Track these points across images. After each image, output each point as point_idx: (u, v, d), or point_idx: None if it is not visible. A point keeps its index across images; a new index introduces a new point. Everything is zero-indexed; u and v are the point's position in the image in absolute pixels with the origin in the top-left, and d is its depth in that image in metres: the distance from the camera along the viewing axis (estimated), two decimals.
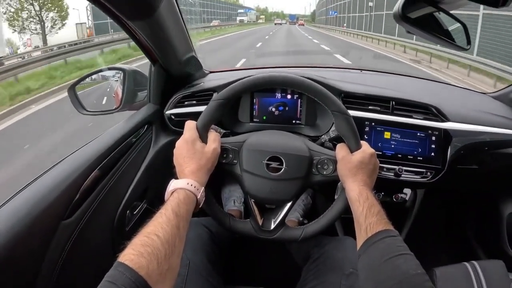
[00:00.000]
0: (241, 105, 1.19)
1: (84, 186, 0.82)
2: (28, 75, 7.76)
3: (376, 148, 1.08)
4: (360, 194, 0.73)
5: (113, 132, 1.01)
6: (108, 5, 0.74)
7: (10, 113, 5.52)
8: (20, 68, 7.49)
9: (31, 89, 6.79)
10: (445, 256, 1.59)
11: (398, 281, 0.58)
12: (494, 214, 1.42)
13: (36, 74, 7.88)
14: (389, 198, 1.27)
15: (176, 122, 1.17)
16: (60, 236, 0.75)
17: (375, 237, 0.65)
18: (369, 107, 1.13)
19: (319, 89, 0.82)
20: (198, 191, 0.72)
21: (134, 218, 1.07)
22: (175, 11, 0.94)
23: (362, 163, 0.77)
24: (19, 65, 7.65)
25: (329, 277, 0.87)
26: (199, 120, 0.81)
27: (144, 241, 0.57)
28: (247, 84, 0.82)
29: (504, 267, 0.90)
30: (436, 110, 1.11)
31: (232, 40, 19.69)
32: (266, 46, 16.20)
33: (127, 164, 1.01)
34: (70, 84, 1.14)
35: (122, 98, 1.15)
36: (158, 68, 1.11)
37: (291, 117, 1.18)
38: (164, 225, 0.61)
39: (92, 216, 0.85)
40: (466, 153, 1.12)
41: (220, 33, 26.27)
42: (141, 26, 0.88)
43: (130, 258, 0.53)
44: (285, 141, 0.88)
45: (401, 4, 0.75)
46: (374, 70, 1.63)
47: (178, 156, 0.77)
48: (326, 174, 0.83)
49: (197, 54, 1.21)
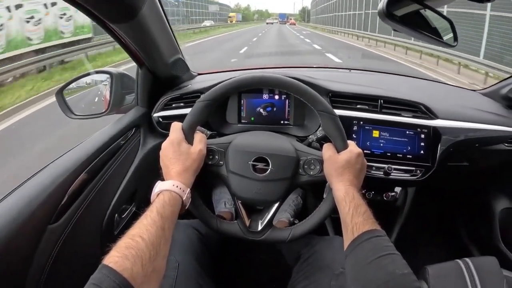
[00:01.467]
0: (229, 107, 1.19)
1: (71, 190, 0.82)
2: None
3: (364, 147, 1.08)
4: (346, 194, 0.73)
5: (100, 135, 1.00)
6: (90, 8, 0.74)
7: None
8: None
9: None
10: (437, 253, 1.59)
11: (385, 281, 0.58)
12: (486, 210, 1.42)
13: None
14: (380, 197, 1.27)
15: (164, 125, 1.16)
16: (48, 240, 0.75)
17: (362, 237, 0.65)
18: (357, 106, 1.13)
19: (304, 89, 0.82)
20: (184, 192, 0.72)
21: (123, 221, 1.06)
22: (159, 13, 0.94)
23: (348, 162, 0.77)
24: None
25: (319, 277, 0.86)
26: (184, 122, 0.81)
27: (128, 243, 0.57)
28: (232, 85, 0.82)
29: (497, 263, 0.90)
30: (425, 108, 1.11)
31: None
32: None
33: (115, 167, 1.01)
34: (58, 88, 1.13)
35: (110, 101, 1.15)
36: (145, 71, 1.11)
37: (279, 117, 1.18)
38: (148, 227, 0.61)
39: (80, 220, 0.84)
40: (456, 150, 1.12)
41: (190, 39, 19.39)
42: (125, 29, 0.87)
43: (114, 261, 0.54)
44: (271, 141, 0.88)
45: (386, 1, 0.74)
46: (362, 69, 1.64)
47: (164, 158, 0.77)
48: (313, 175, 0.83)
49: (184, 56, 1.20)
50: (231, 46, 16.00)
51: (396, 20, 0.77)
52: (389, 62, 10.56)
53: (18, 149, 3.77)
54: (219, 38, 21.22)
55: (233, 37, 23.04)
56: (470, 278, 0.85)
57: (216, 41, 18.95)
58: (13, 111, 5.36)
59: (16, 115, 5.27)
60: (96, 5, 0.73)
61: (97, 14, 0.77)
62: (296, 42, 20.25)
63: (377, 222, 0.69)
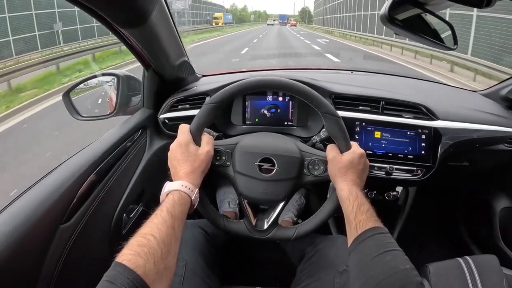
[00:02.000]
0: (234, 108, 1.21)
1: (81, 191, 0.84)
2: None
3: (367, 148, 1.10)
4: (350, 193, 0.75)
5: (108, 137, 1.02)
6: (101, 13, 0.75)
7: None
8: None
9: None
10: (438, 252, 1.60)
11: (387, 276, 0.60)
12: (486, 209, 1.43)
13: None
14: (382, 196, 1.29)
15: (170, 126, 1.18)
16: (59, 239, 0.77)
17: (365, 235, 0.67)
18: (359, 107, 1.15)
19: (308, 91, 0.83)
20: (192, 192, 0.74)
21: (130, 221, 1.08)
22: (167, 18, 0.96)
23: (351, 163, 0.79)
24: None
25: (323, 275, 0.88)
26: (192, 124, 0.82)
27: (140, 241, 0.59)
28: (239, 88, 0.84)
29: (497, 262, 0.91)
30: (425, 109, 1.13)
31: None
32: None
33: (122, 168, 1.03)
34: (65, 90, 1.14)
35: (116, 103, 1.16)
36: (151, 73, 1.12)
37: (283, 119, 1.20)
38: (160, 226, 0.63)
39: (89, 219, 0.86)
40: (456, 151, 1.14)
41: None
42: (133, 33, 0.89)
43: (127, 258, 0.55)
44: (277, 142, 0.90)
45: (388, 6, 0.76)
46: (364, 71, 1.65)
47: (172, 159, 0.79)
48: (317, 175, 0.85)
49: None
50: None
51: (397, 24, 0.79)
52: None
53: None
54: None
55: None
56: (471, 276, 0.87)
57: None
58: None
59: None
60: (107, 10, 0.75)
61: (106, 18, 0.78)
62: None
63: (380, 220, 0.71)
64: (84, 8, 0.72)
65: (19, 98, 6.12)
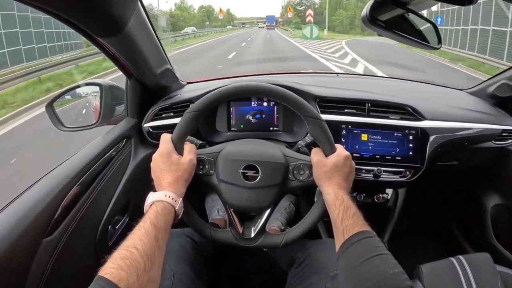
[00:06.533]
0: (218, 115, 1.20)
1: (64, 203, 0.82)
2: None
3: (353, 151, 1.09)
4: (335, 197, 0.73)
5: (91, 147, 1.00)
6: (77, 23, 0.74)
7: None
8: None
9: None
10: (431, 252, 1.60)
11: (376, 281, 0.59)
12: (477, 207, 1.43)
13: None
14: (371, 199, 1.28)
15: (155, 135, 1.16)
16: (43, 253, 0.75)
17: (352, 239, 0.66)
18: (345, 110, 1.15)
19: (290, 95, 0.82)
20: (176, 202, 0.72)
21: (116, 232, 1.06)
22: (146, 26, 0.94)
23: (337, 166, 0.78)
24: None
25: (314, 280, 0.87)
26: (174, 133, 0.81)
27: (123, 254, 0.57)
28: (219, 95, 0.83)
29: (491, 259, 0.91)
30: (411, 110, 1.13)
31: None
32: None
33: (107, 179, 1.01)
34: (48, 101, 1.13)
35: (100, 112, 1.15)
36: (133, 82, 1.11)
37: (269, 124, 1.19)
38: (142, 237, 0.61)
39: (74, 232, 0.84)
40: (445, 150, 1.14)
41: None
42: (112, 42, 0.88)
43: (110, 272, 0.54)
44: (260, 149, 0.88)
45: (369, 7, 0.75)
46: (350, 73, 1.65)
47: (155, 169, 0.78)
48: (303, 179, 0.84)
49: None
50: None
51: (380, 25, 0.78)
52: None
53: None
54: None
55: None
56: (464, 275, 0.86)
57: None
58: None
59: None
60: (83, 20, 0.73)
61: (84, 29, 0.77)
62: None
63: (368, 224, 0.70)
64: (60, 18, 0.70)
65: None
